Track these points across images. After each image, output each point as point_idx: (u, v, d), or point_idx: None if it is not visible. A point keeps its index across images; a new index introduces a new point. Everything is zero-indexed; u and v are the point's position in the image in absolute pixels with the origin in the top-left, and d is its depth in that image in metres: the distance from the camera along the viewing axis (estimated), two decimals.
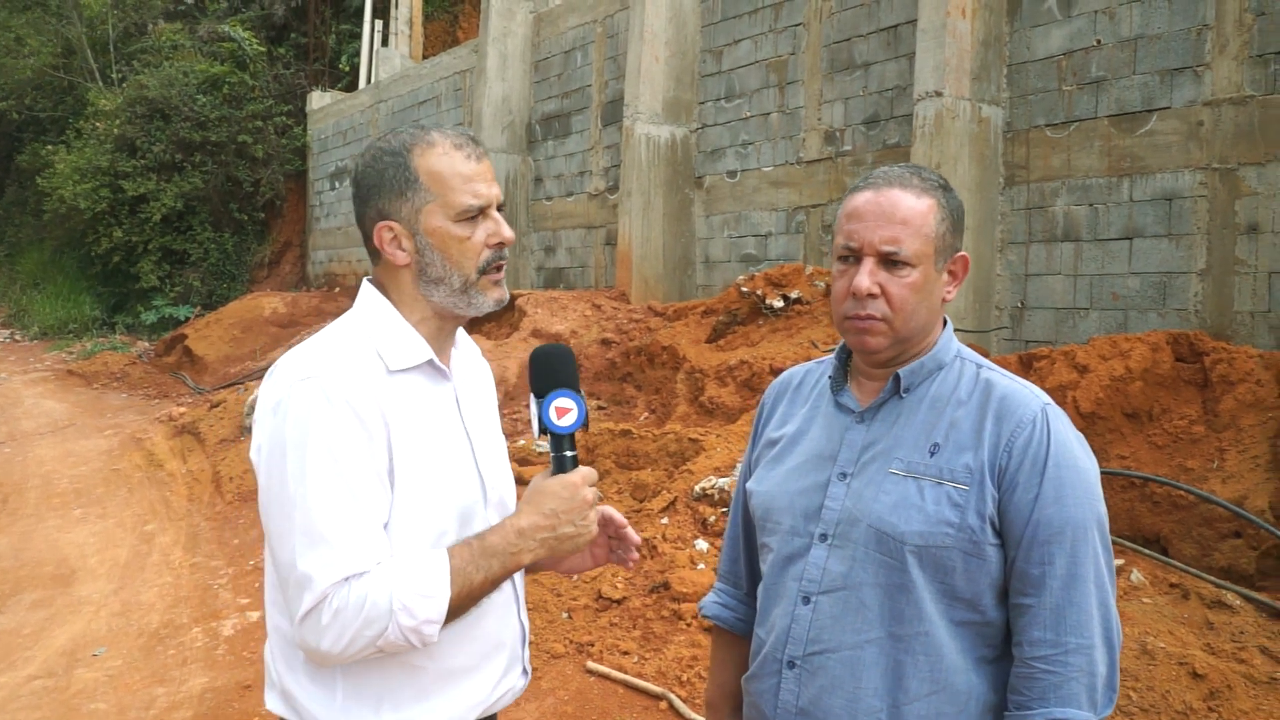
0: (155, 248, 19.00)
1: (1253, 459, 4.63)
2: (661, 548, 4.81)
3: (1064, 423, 1.55)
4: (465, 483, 1.63)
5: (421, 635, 1.45)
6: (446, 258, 1.59)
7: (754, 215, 9.42)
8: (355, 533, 1.46)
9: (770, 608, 1.67)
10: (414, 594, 1.43)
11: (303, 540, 1.44)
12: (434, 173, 1.57)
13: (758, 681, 1.67)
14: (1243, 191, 5.88)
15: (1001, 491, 1.50)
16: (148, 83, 18.78)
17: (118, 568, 6.32)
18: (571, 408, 1.56)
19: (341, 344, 1.57)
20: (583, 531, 1.54)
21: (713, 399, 6.92)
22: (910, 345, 1.60)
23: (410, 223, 1.59)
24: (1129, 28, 6.48)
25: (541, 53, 12.69)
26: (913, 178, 1.58)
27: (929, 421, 1.57)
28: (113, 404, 12.69)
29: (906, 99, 7.85)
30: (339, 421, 1.47)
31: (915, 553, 1.50)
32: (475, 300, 1.62)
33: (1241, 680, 3.29)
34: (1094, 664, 1.46)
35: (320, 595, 1.42)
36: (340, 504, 1.45)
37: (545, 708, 3.92)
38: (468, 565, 1.48)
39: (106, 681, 4.62)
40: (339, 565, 1.43)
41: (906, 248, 1.53)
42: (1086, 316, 6.62)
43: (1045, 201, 6.91)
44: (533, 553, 1.52)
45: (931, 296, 1.57)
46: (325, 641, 1.43)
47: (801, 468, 1.67)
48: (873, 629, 1.53)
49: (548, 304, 9.53)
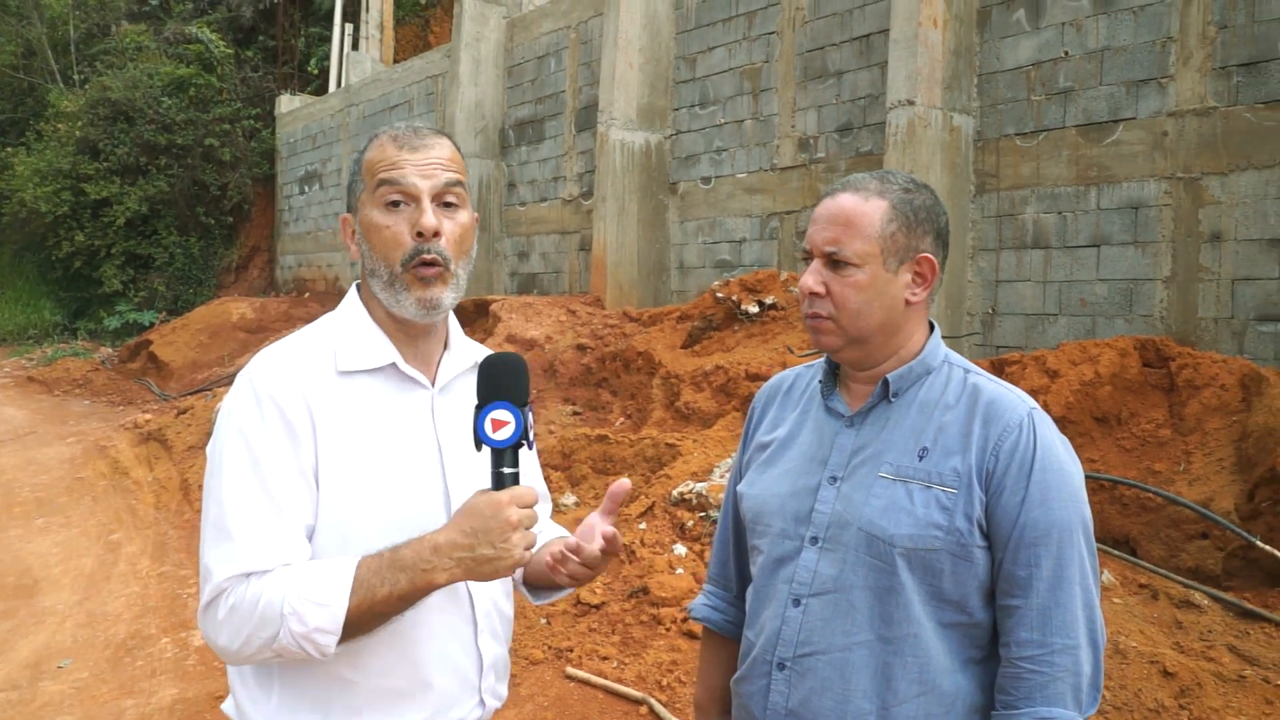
0: (119, 252, 18.76)
1: (1218, 462, 4.72)
2: (640, 553, 4.82)
3: (1049, 427, 1.58)
4: (423, 497, 1.56)
5: (316, 644, 1.39)
6: (373, 247, 1.55)
7: (728, 221, 9.46)
8: (262, 530, 1.43)
9: (760, 610, 1.68)
10: (306, 600, 1.38)
11: (210, 533, 1.44)
12: (368, 162, 1.57)
13: (747, 683, 1.68)
14: (1206, 201, 5.99)
15: (989, 494, 1.52)
16: (111, 84, 18.55)
17: (83, 578, 6.22)
18: (508, 421, 1.46)
19: (297, 343, 1.57)
20: (502, 555, 1.41)
21: (689, 404, 6.94)
22: (872, 347, 1.62)
23: (355, 213, 1.60)
24: (1096, 40, 6.59)
25: (515, 58, 12.68)
26: (871, 182, 1.61)
27: (917, 426, 1.60)
28: (75, 411, 12.50)
29: (879, 107, 7.93)
30: (261, 418, 1.46)
31: (905, 555, 1.52)
32: (400, 297, 1.54)
33: (1211, 678, 3.35)
34: (1079, 664, 1.49)
35: (217, 589, 1.41)
36: (248, 500, 1.43)
37: (525, 714, 3.91)
38: (372, 577, 1.41)
39: (73, 694, 4.54)
40: (237, 561, 1.41)
41: (847, 248, 1.57)
42: (1056, 322, 6.72)
43: (1015, 209, 7.00)
44: (447, 572, 1.41)
45: (885, 297, 1.58)
46: (222, 637, 1.42)
47: (792, 471, 1.69)
48: (862, 631, 1.55)
49: (522, 309, 9.52)
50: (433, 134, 1.58)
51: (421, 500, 1.56)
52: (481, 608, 1.65)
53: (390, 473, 1.54)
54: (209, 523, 1.45)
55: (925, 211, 1.62)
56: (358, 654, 1.49)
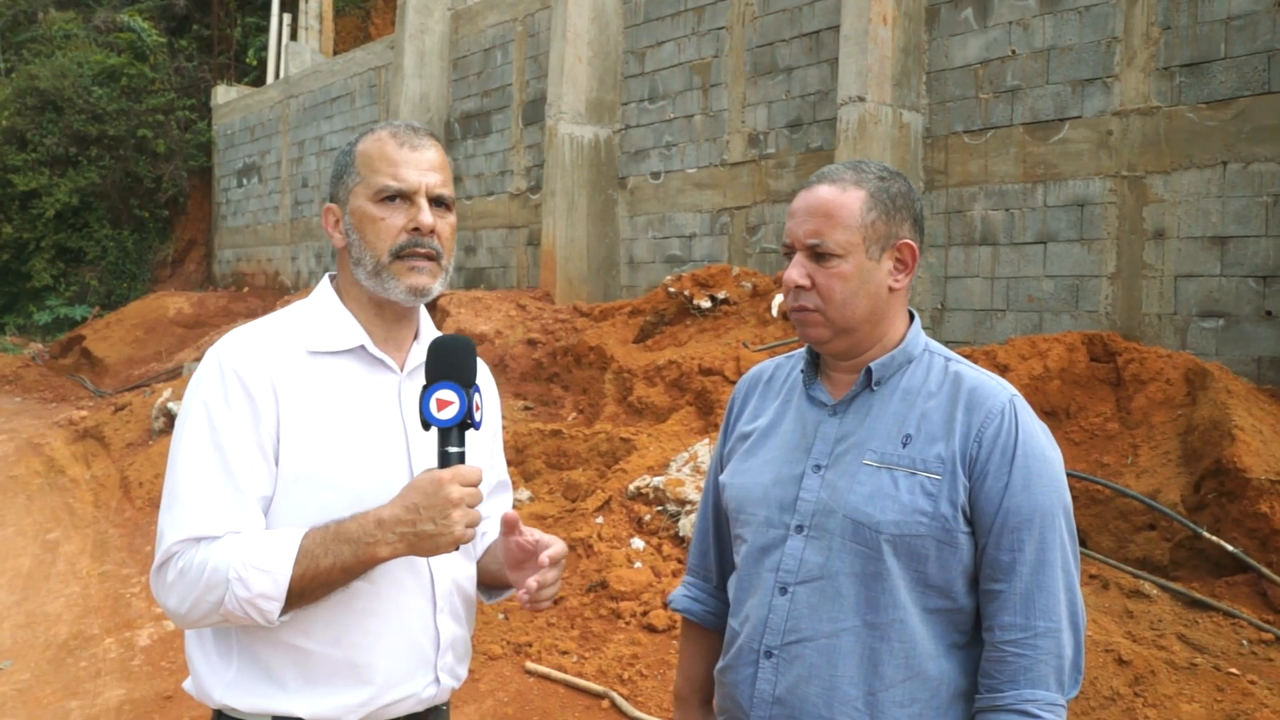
0: (48, 245, 18.23)
1: (1164, 454, 4.83)
2: (598, 547, 4.79)
3: (1030, 414, 1.59)
4: (384, 476, 1.58)
5: (260, 610, 1.44)
6: (363, 238, 1.61)
7: (678, 216, 9.46)
8: (212, 496, 1.48)
9: (745, 598, 1.67)
10: (251, 566, 1.43)
11: (166, 497, 1.50)
12: (365, 154, 1.63)
13: (733, 672, 1.67)
14: (1150, 199, 6.14)
15: (972, 480, 1.54)
16: (38, 73, 18.01)
17: (20, 578, 6.03)
18: (453, 401, 1.50)
19: (268, 324, 1.63)
20: (443, 531, 1.45)
21: (641, 399, 6.93)
22: (859, 337, 1.62)
23: (343, 203, 1.65)
24: (1042, 39, 6.70)
25: (460, 50, 12.55)
26: (846, 172, 1.62)
27: (900, 413, 1.60)
28: (6, 408, 12.11)
29: (829, 103, 7.99)
30: (223, 389, 1.52)
31: (890, 542, 1.53)
32: (388, 284, 1.60)
33: (1164, 666, 3.42)
34: (1061, 647, 1.51)
35: (168, 552, 1.47)
36: (204, 467, 1.49)
37: (485, 709, 3.87)
38: (317, 548, 1.46)
39: (15, 695, 4.40)
40: (188, 525, 1.46)
41: (830, 239, 1.58)
42: (1003, 318, 6.83)
43: (964, 206, 7.10)
44: (390, 546, 1.46)
45: (869, 285, 1.59)
46: (171, 599, 1.47)
47: (775, 460, 1.69)
48: (849, 618, 1.55)
49: (471, 304, 9.42)
50: (428, 135, 1.66)
51: (384, 480, 1.57)
52: (442, 586, 1.67)
53: (353, 450, 1.57)
54: (166, 489, 1.52)
55: (902, 198, 1.63)
56: (312, 624, 1.53)
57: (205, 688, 1.58)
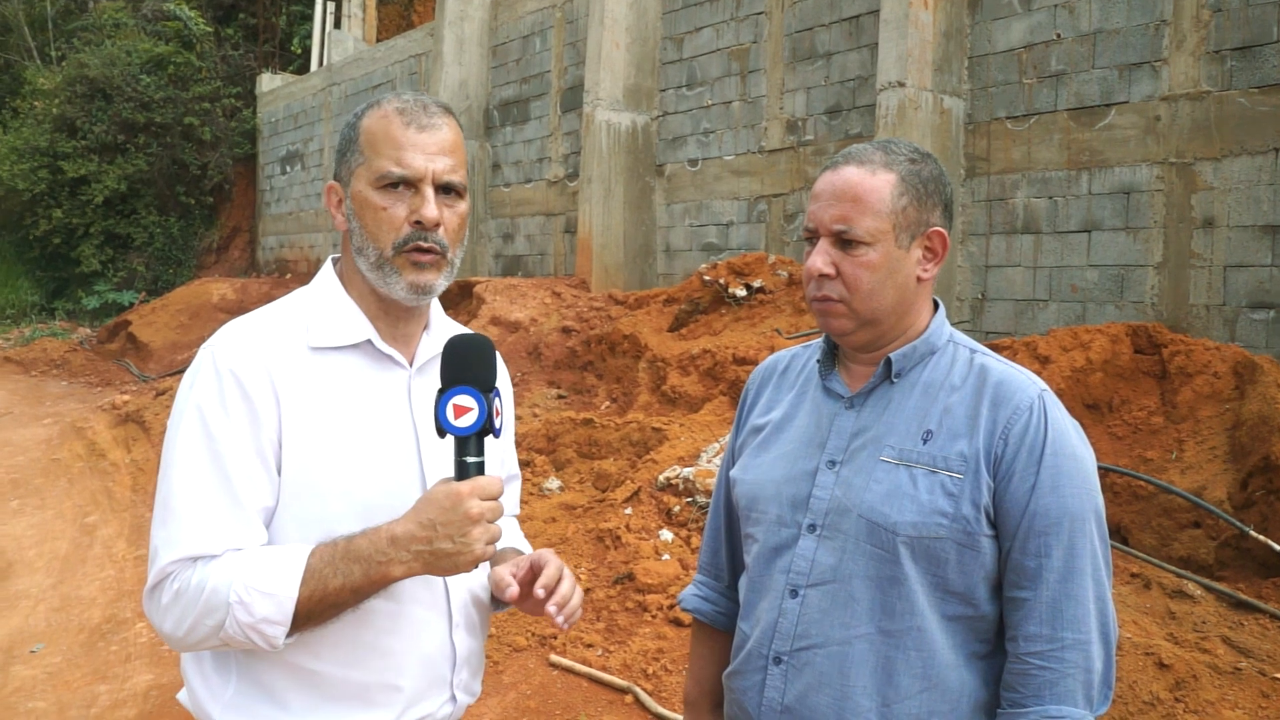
0: (97, 231, 18.50)
1: (1210, 450, 4.68)
2: (625, 538, 4.74)
3: (1061, 410, 1.50)
4: (397, 479, 1.48)
5: (264, 635, 1.32)
6: (364, 226, 1.47)
7: (715, 204, 9.37)
8: (210, 511, 1.35)
9: (755, 601, 1.60)
10: (253, 589, 1.31)
11: (160, 511, 1.37)
12: (370, 132, 1.47)
13: (741, 678, 1.60)
14: (1199, 186, 5.94)
15: (997, 480, 1.45)
16: (88, 61, 18.24)
17: (57, 561, 6.11)
18: (472, 407, 1.37)
19: (266, 316, 1.49)
20: (461, 550, 1.33)
21: (675, 388, 6.86)
22: (884, 328, 1.54)
23: (346, 184, 1.50)
24: (1088, 22, 6.51)
25: (499, 37, 12.52)
26: (875, 153, 1.52)
27: (921, 408, 1.52)
28: (52, 392, 12.33)
29: (868, 89, 7.84)
30: (220, 392, 1.38)
31: (908, 544, 1.45)
32: (390, 280, 1.46)
33: (1207, 670, 3.30)
34: (1090, 660, 1.42)
35: (163, 572, 1.35)
36: (200, 479, 1.36)
37: (508, 702, 3.84)
38: (325, 567, 1.34)
39: (45, 679, 4.44)
40: (184, 544, 1.34)
41: (858, 226, 1.48)
42: (1045, 308, 6.67)
43: (1005, 193, 6.94)
44: (404, 565, 1.34)
45: (897, 275, 1.50)
46: (167, 623, 1.35)
47: (788, 455, 1.61)
48: (862, 624, 1.48)
49: (506, 291, 9.41)
50: (440, 112, 1.49)
51: (395, 484, 1.47)
52: (458, 599, 1.57)
53: (361, 454, 1.45)
54: (159, 501, 1.39)
55: (934, 182, 1.53)
56: (320, 645, 1.42)
57: (202, 706, 1.47)
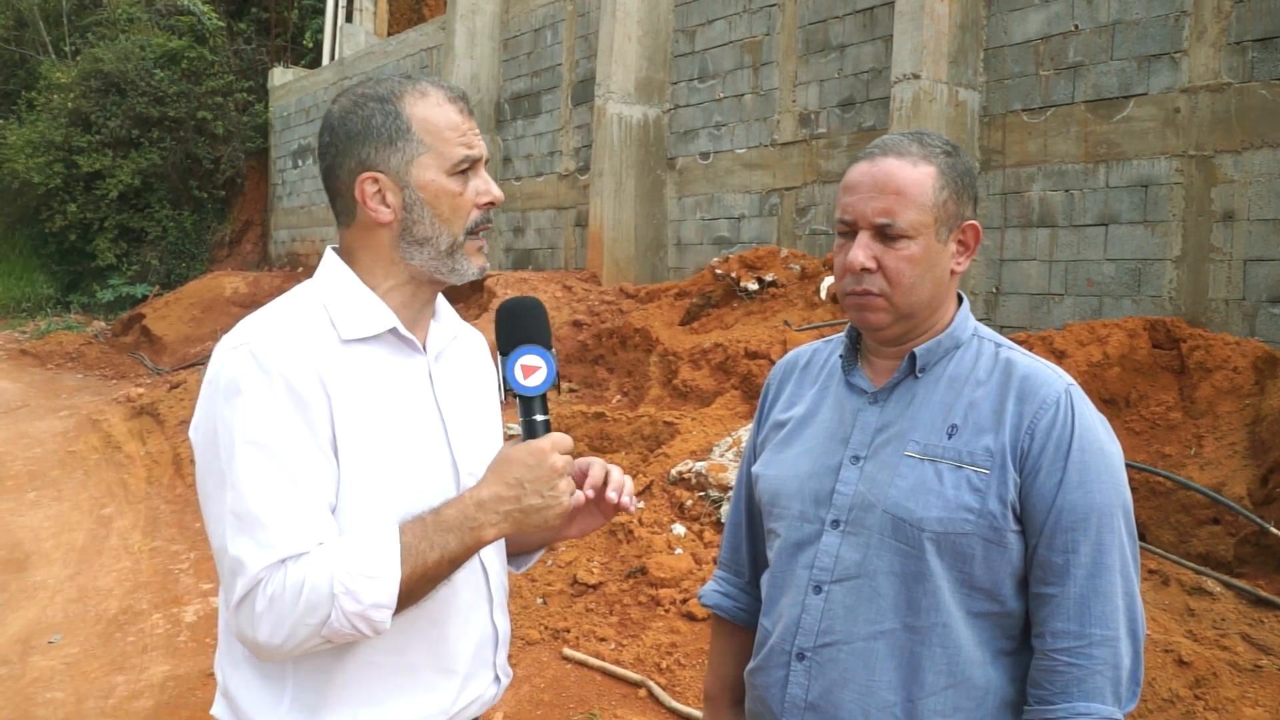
0: (112, 225, 18.58)
1: (1230, 446, 4.64)
2: (638, 532, 4.73)
3: (1088, 405, 1.48)
4: (433, 466, 1.49)
5: (371, 622, 1.31)
6: (437, 215, 1.46)
7: (727, 197, 9.34)
8: (291, 511, 1.32)
9: (778, 597, 1.59)
10: (358, 575, 1.29)
11: (234, 522, 1.32)
12: (429, 121, 1.45)
13: (764, 674, 1.59)
14: (1219, 179, 5.89)
15: (1024, 475, 1.43)
16: (103, 56, 18.29)
17: (74, 552, 6.14)
18: (540, 366, 1.42)
19: (287, 311, 1.45)
20: (550, 503, 1.38)
21: (686, 382, 6.85)
22: (916, 322, 1.52)
23: (400, 175, 1.45)
24: (1107, 13, 6.45)
25: (511, 30, 12.50)
26: (911, 144, 1.51)
27: (946, 402, 1.50)
28: (68, 384, 12.38)
29: (882, 82, 7.79)
30: (271, 391, 1.34)
31: (934, 540, 1.43)
32: (460, 265, 1.49)
33: (1226, 668, 3.27)
34: (1119, 656, 1.40)
35: (253, 580, 1.30)
36: (273, 481, 1.32)
37: (521, 695, 3.84)
38: (420, 542, 1.34)
39: (64, 669, 4.47)
40: (273, 547, 1.30)
41: (901, 219, 1.46)
42: (1061, 302, 6.62)
43: (1021, 187, 6.89)
44: (495, 527, 1.37)
45: (936, 269, 1.49)
46: (263, 632, 1.30)
47: (811, 451, 1.60)
48: (887, 619, 1.46)
49: (517, 285, 9.40)
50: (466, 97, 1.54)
51: (432, 469, 1.49)
52: (496, 580, 1.60)
53: (402, 442, 1.46)
54: (228, 512, 1.32)
55: (969, 176, 1.53)
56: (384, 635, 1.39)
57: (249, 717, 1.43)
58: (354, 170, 1.46)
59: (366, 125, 1.45)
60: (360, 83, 1.51)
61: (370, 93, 1.47)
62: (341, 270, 1.51)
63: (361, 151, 1.45)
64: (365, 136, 1.45)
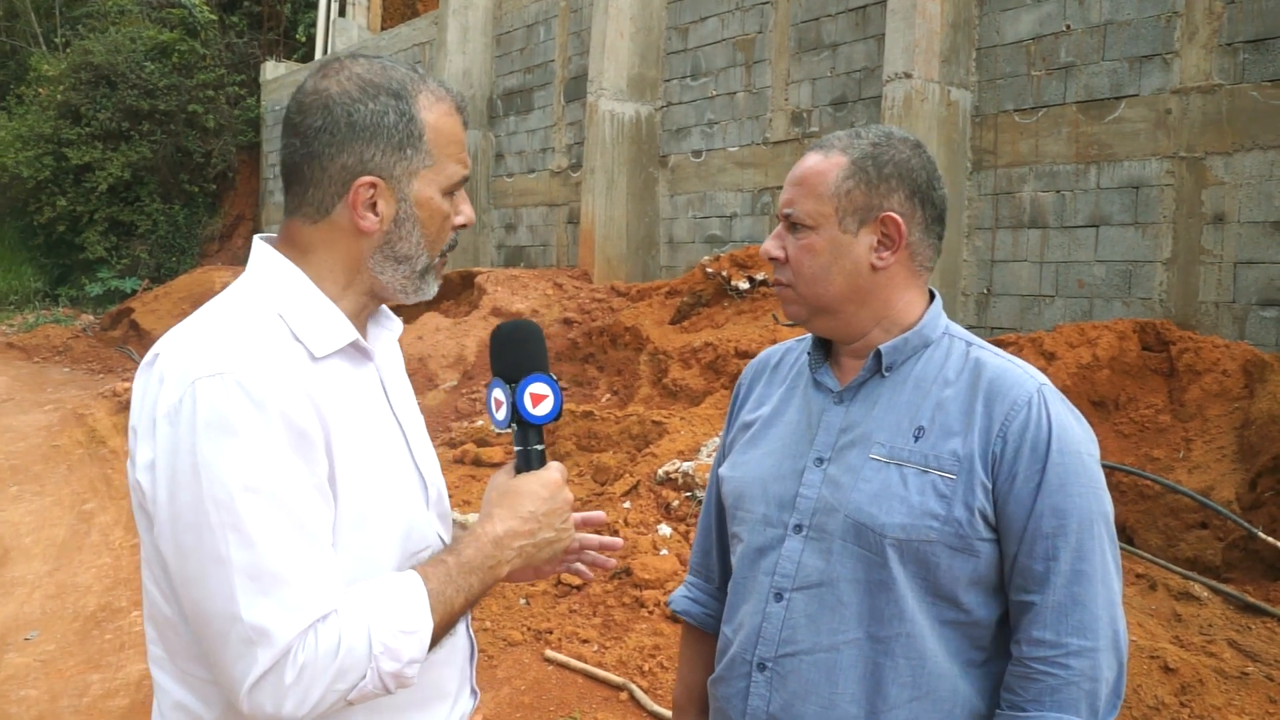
0: (101, 218, 18.47)
1: (1219, 449, 4.61)
2: (623, 532, 4.69)
3: (1063, 404, 1.43)
4: (406, 485, 1.36)
5: (404, 679, 1.19)
6: (425, 234, 1.32)
7: (719, 196, 9.29)
8: (312, 565, 1.15)
9: (739, 604, 1.54)
10: (395, 631, 1.17)
11: (248, 584, 1.12)
12: (440, 132, 1.31)
13: (725, 685, 1.54)
14: (1209, 181, 5.86)
15: (997, 481, 1.38)
16: (93, 48, 18.20)
17: (54, 547, 6.07)
18: (548, 394, 1.38)
19: (250, 326, 1.23)
20: (561, 537, 1.34)
21: (676, 381, 6.80)
22: (841, 317, 1.48)
23: (400, 185, 1.29)
24: (1099, 14, 6.42)
25: (504, 26, 12.44)
26: (842, 139, 1.49)
27: (913, 403, 1.45)
28: (54, 378, 12.30)
29: (874, 81, 7.75)
30: (269, 430, 1.15)
31: (896, 546, 1.38)
32: (425, 286, 1.36)
33: (1212, 675, 3.23)
34: (1098, 669, 1.35)
35: (282, 650, 1.11)
36: (286, 532, 1.14)
37: (501, 698, 3.79)
38: (446, 587, 1.23)
39: (38, 667, 4.41)
40: (303, 610, 1.12)
41: (799, 208, 1.46)
42: (1052, 304, 6.59)
43: (1013, 187, 6.86)
44: (510, 564, 1.29)
45: (843, 261, 1.45)
46: (288, 705, 1.12)
47: (776, 452, 1.55)
48: (850, 629, 1.41)
49: (508, 282, 9.35)
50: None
51: (405, 488, 1.35)
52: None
53: (380, 465, 1.31)
54: (236, 571, 1.12)
55: (894, 166, 1.45)
56: None
57: None
58: (352, 168, 1.28)
59: (379, 122, 1.27)
60: (355, 58, 1.32)
61: (382, 83, 1.29)
62: (291, 272, 1.31)
63: (366, 150, 1.27)
64: (375, 135, 1.27)
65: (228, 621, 1.13)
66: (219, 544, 1.13)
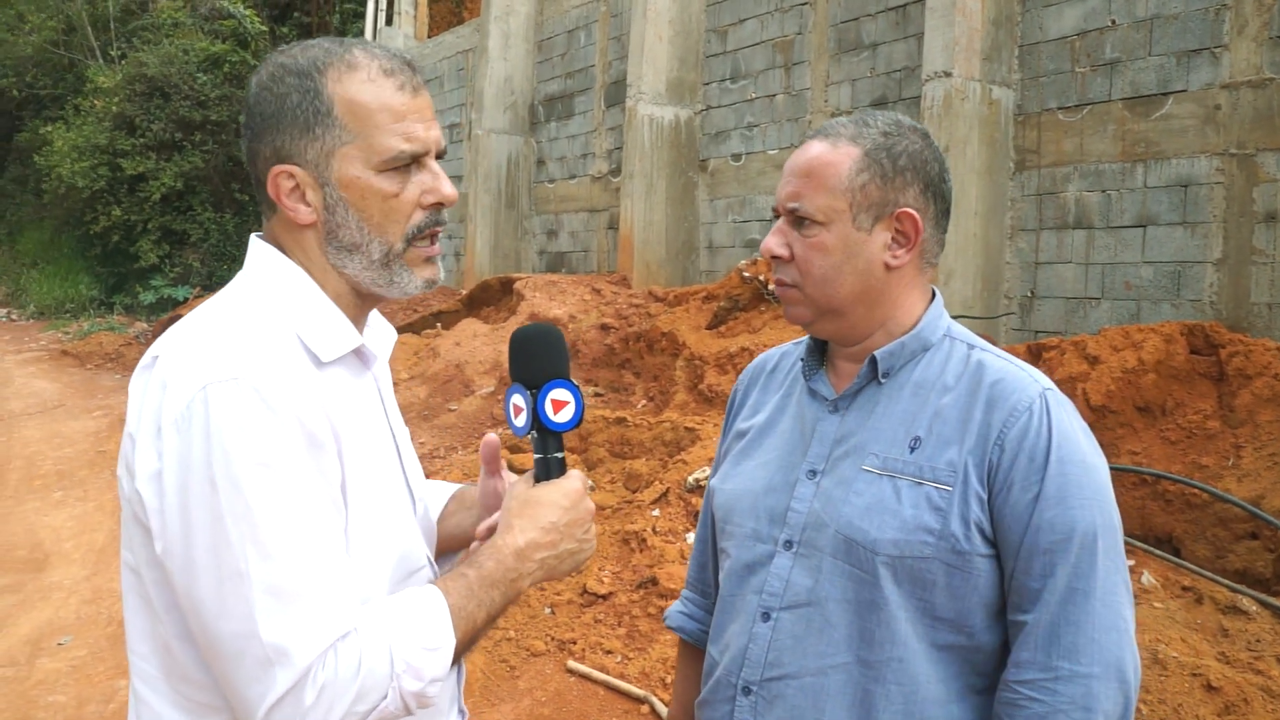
0: (155, 227, 18.84)
1: (1270, 456, 4.42)
2: (651, 541, 4.62)
3: (1067, 411, 1.33)
4: (398, 497, 1.31)
5: (425, 699, 1.14)
6: (365, 219, 1.22)
7: (759, 199, 9.19)
8: (332, 581, 1.11)
9: (726, 623, 1.46)
10: (418, 649, 1.12)
11: (267, 600, 1.07)
12: (355, 104, 1.19)
13: (710, 708, 1.47)
14: (1261, 178, 5.64)
15: (994, 492, 1.29)
16: (147, 60, 18.60)
17: (93, 553, 6.15)
18: (569, 400, 1.32)
19: (255, 329, 1.18)
20: (583, 547, 1.29)
21: (712, 387, 6.72)
22: (850, 319, 1.39)
23: (319, 169, 1.21)
24: (1145, 7, 6.23)
25: (545, 32, 12.45)
26: (848, 126, 1.40)
27: (911, 411, 1.36)
28: (105, 385, 12.53)
29: (915, 80, 7.61)
30: (286, 437, 1.10)
31: (889, 564, 1.30)
32: (399, 278, 1.25)
33: (1259, 693, 3.08)
34: (1092, 698, 1.23)
35: (302, 671, 1.06)
36: (305, 546, 1.10)
37: (521, 709, 3.73)
38: (468, 602, 1.18)
39: (69, 672, 4.45)
40: (325, 629, 1.08)
41: (808, 203, 1.36)
42: (1098, 306, 6.40)
43: (1057, 187, 6.67)
44: (531, 576, 1.25)
45: (856, 260, 1.36)
46: None
47: (769, 464, 1.47)
48: (839, 652, 1.33)
49: (546, 288, 9.33)
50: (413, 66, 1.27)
51: (398, 500, 1.31)
52: None
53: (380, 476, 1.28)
54: (254, 587, 1.06)
55: (908, 158, 1.37)
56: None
57: None
58: (268, 159, 1.22)
59: (281, 106, 1.20)
60: (286, 48, 1.26)
61: (290, 64, 1.22)
62: (292, 272, 1.25)
63: (276, 139, 1.21)
64: (279, 120, 1.21)
65: (244, 641, 1.07)
66: (237, 559, 1.07)
